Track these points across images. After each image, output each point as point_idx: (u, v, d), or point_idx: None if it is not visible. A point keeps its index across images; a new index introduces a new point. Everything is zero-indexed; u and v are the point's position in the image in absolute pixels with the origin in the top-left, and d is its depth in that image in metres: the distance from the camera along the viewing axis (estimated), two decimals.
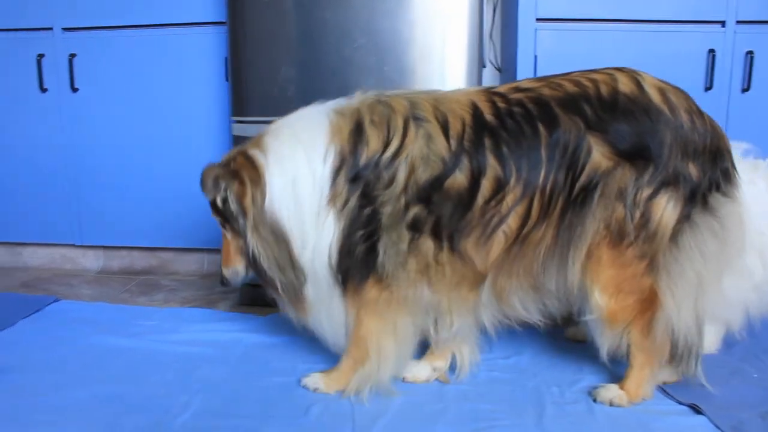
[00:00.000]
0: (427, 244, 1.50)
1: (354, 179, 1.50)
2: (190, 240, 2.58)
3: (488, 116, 1.50)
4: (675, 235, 1.46)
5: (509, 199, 1.47)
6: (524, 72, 2.29)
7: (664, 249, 1.47)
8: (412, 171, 1.48)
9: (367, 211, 1.50)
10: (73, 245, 2.76)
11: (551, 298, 1.61)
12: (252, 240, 1.56)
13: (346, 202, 1.50)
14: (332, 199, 1.51)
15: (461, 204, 1.48)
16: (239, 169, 1.57)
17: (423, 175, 1.48)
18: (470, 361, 1.70)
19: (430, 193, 1.48)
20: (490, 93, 1.56)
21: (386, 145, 1.50)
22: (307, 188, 1.52)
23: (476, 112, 1.51)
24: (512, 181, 1.47)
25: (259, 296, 2.25)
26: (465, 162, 1.47)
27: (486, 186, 1.47)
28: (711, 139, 1.48)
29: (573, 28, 2.29)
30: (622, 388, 1.58)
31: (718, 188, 1.48)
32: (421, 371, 1.70)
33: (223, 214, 1.61)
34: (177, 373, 1.75)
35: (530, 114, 1.49)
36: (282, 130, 1.60)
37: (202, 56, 2.44)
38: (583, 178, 1.47)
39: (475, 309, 1.60)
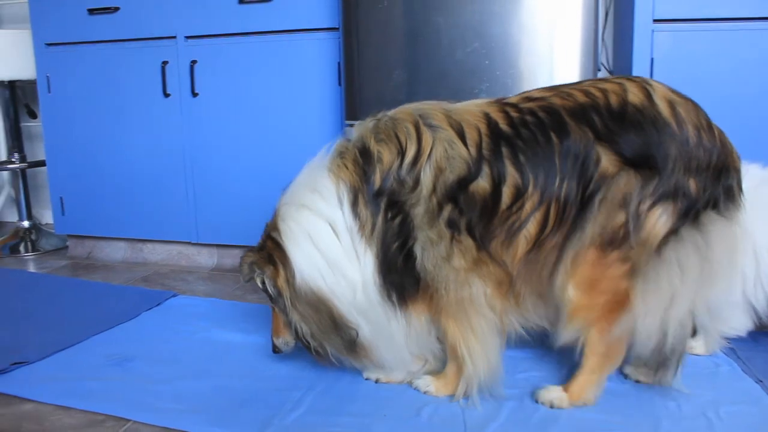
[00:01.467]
0: (469, 241, 1.51)
1: (375, 200, 1.53)
2: None
3: (503, 126, 1.52)
4: (660, 246, 1.46)
5: (528, 205, 1.49)
6: (639, 75, 2.22)
7: (648, 258, 1.47)
8: (439, 172, 1.50)
9: (397, 220, 1.52)
10: (190, 243, 2.89)
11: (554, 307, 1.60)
12: (293, 317, 1.62)
13: (374, 224, 1.53)
14: (360, 229, 1.54)
15: (486, 209, 1.50)
16: (271, 253, 1.63)
17: (450, 175, 1.49)
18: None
19: (457, 194, 1.49)
20: (501, 103, 1.58)
21: (402, 153, 1.52)
22: (333, 242, 1.55)
23: (491, 121, 1.53)
24: (530, 188, 1.49)
25: None
26: (486, 169, 1.49)
27: (507, 193, 1.49)
28: (717, 156, 1.47)
29: (693, 29, 2.20)
30: (565, 390, 1.59)
31: (715, 206, 1.47)
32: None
33: (267, 294, 1.67)
34: (289, 370, 1.80)
35: (543, 123, 1.50)
36: (288, 207, 1.65)
37: (315, 61, 2.50)
38: (592, 187, 1.47)
39: (514, 310, 1.62)
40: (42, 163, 3.30)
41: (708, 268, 1.47)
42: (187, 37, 2.68)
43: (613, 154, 1.46)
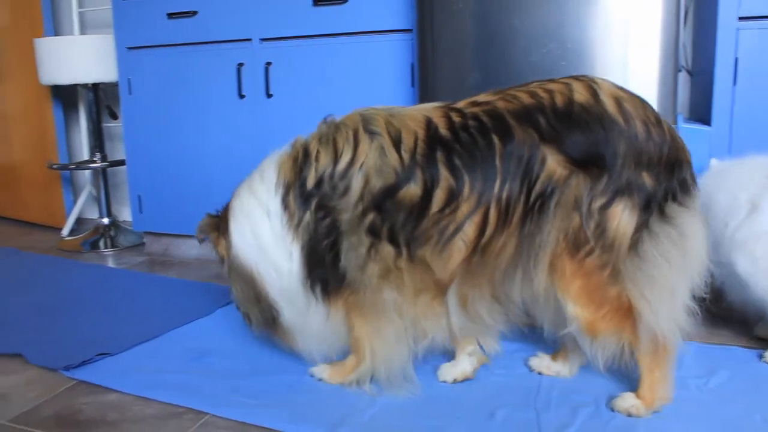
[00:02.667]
0: (387, 249, 1.56)
1: (306, 197, 1.61)
2: None
3: (443, 130, 1.55)
4: (635, 244, 1.45)
5: (464, 208, 1.51)
6: (722, 76, 2.16)
7: (624, 258, 1.46)
8: (368, 180, 1.55)
9: (327, 221, 1.59)
10: None
11: (514, 308, 1.65)
12: (230, 281, 1.80)
13: (301, 219, 1.61)
14: (288, 221, 1.63)
15: (414, 213, 1.53)
16: (220, 223, 1.79)
17: (376, 183, 1.54)
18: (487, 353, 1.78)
19: (383, 201, 1.54)
20: (447, 108, 1.60)
21: (337, 158, 1.59)
22: (265, 227, 1.66)
23: (430, 126, 1.56)
24: (465, 191, 1.50)
25: None
26: (418, 174, 1.52)
27: (439, 197, 1.51)
28: (669, 150, 1.47)
29: None
30: (637, 396, 1.55)
31: (674, 198, 1.47)
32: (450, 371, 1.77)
33: None
34: None
35: (485, 127, 1.52)
36: (244, 184, 1.77)
37: (388, 63, 2.51)
38: (538, 188, 1.48)
39: (443, 316, 1.64)
40: (121, 163, 3.42)
41: (688, 259, 1.48)
42: (262, 40, 2.73)
43: (560, 154, 1.47)
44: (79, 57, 3.28)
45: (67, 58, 3.28)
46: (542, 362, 1.78)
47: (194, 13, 2.84)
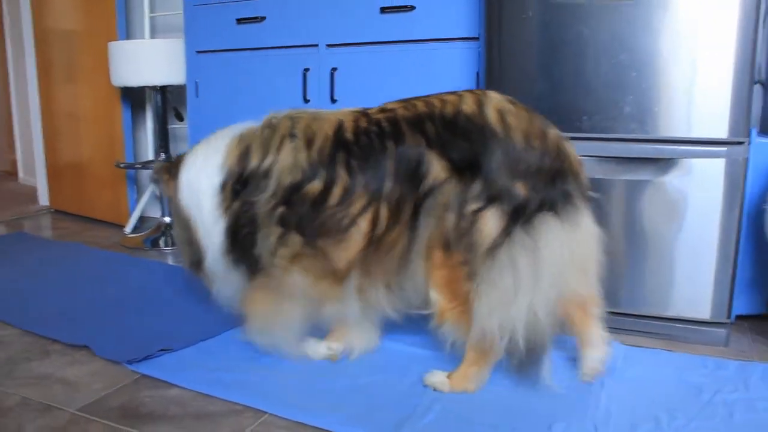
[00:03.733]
0: (295, 238, 1.74)
1: (237, 189, 1.80)
2: None
3: (348, 134, 1.72)
4: (493, 249, 1.55)
5: (357, 204, 1.67)
6: None
7: (481, 260, 1.57)
8: (280, 179, 1.74)
9: (248, 213, 1.78)
10: None
11: (406, 298, 1.78)
12: (173, 219, 2.02)
13: (230, 206, 1.81)
14: (220, 203, 1.82)
15: (314, 205, 1.70)
16: (170, 166, 1.98)
17: (286, 180, 1.72)
18: (363, 346, 1.94)
19: (291, 195, 1.72)
20: (359, 114, 1.77)
21: (263, 159, 1.77)
22: (207, 194, 1.84)
23: (339, 130, 1.73)
24: (358, 189, 1.66)
25: None
26: (322, 172, 1.70)
27: (336, 194, 1.68)
28: (550, 162, 1.57)
29: None
30: (449, 377, 1.73)
31: (551, 208, 1.56)
32: (319, 349, 1.95)
33: None
34: (420, 373, 1.81)
35: (383, 132, 1.68)
36: (201, 144, 1.95)
37: (453, 71, 2.51)
38: (424, 188, 1.62)
39: (342, 301, 1.80)
40: None
41: (539, 268, 1.54)
42: (329, 45, 2.76)
43: (444, 159, 1.60)
44: (150, 60, 3.37)
45: (138, 61, 3.38)
46: (584, 366, 1.79)
47: (262, 18, 2.89)
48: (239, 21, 2.96)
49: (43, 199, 4.70)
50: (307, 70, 2.81)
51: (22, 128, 5.22)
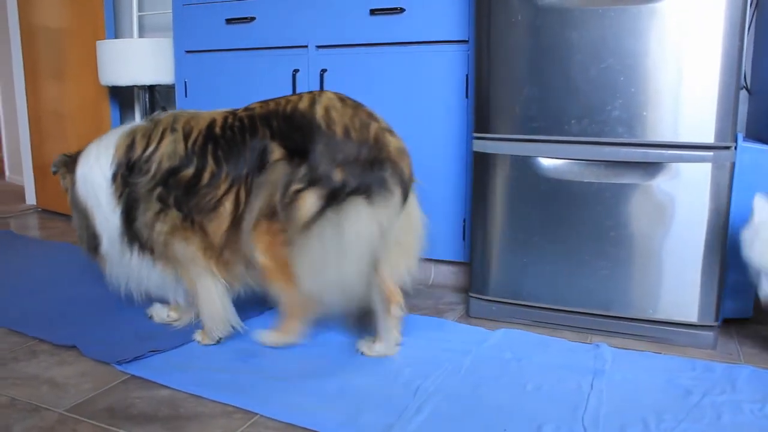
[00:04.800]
0: (173, 213, 2.00)
1: (126, 176, 2.04)
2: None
3: (217, 129, 2.00)
4: (309, 223, 1.81)
5: (222, 187, 1.94)
6: None
7: (297, 232, 1.83)
8: (160, 164, 2.00)
9: (134, 195, 2.03)
10: None
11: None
12: (71, 208, 2.21)
13: (122, 192, 2.05)
14: (114, 192, 2.07)
15: (189, 187, 1.97)
16: (67, 160, 2.20)
17: (165, 165, 2.00)
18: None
19: (168, 178, 1.99)
20: (229, 113, 2.05)
21: (146, 148, 2.04)
22: (102, 186, 2.08)
23: (211, 126, 2.02)
24: (223, 175, 1.95)
25: (487, 310, 2.29)
26: (194, 160, 1.98)
27: (205, 178, 1.96)
28: (368, 151, 1.84)
29: None
30: (276, 331, 2.03)
31: (366, 191, 1.80)
32: (161, 311, 2.27)
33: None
34: (410, 377, 1.82)
35: (243, 127, 1.97)
36: (94, 143, 2.17)
37: (443, 73, 2.52)
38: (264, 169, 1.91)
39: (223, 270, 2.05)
40: None
41: (341, 243, 1.79)
42: (318, 47, 2.77)
43: (282, 148, 1.89)
44: (138, 59, 3.36)
45: (126, 60, 3.37)
46: (365, 344, 2.01)
47: (252, 19, 2.89)
48: (229, 21, 2.95)
49: (30, 198, 4.67)
50: (296, 71, 2.81)
51: (9, 127, 5.18)
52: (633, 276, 2.08)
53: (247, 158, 1.93)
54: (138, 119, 4.02)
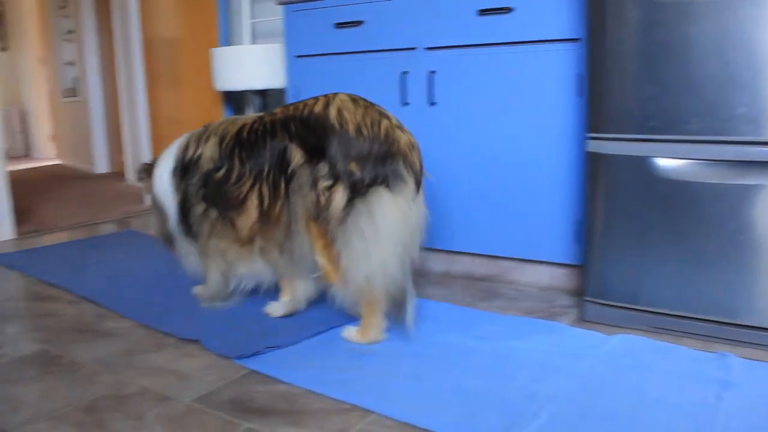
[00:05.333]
0: (213, 212, 2.28)
1: (181, 176, 2.37)
2: (532, 252, 2.64)
3: (244, 134, 2.22)
4: (343, 218, 1.96)
5: (247, 184, 2.18)
6: None
7: (336, 227, 1.98)
8: (203, 166, 2.29)
9: (187, 193, 2.35)
10: (422, 248, 2.99)
11: (297, 259, 2.16)
12: (152, 207, 2.58)
13: (178, 187, 2.38)
14: (174, 187, 2.40)
15: (220, 185, 2.23)
16: (148, 166, 2.57)
17: (205, 168, 2.28)
18: (304, 295, 2.35)
19: (207, 179, 2.27)
20: (258, 118, 2.25)
21: (195, 152, 2.34)
22: (167, 183, 2.43)
23: (240, 130, 2.25)
24: (246, 174, 2.18)
25: (603, 314, 2.23)
26: (226, 162, 2.23)
27: (233, 176, 2.21)
28: (379, 146, 1.97)
29: None
30: (358, 331, 2.12)
31: (383, 183, 1.95)
32: (277, 308, 2.37)
33: None
34: (525, 381, 1.80)
35: (266, 130, 2.17)
36: (167, 149, 2.52)
37: (553, 73, 2.48)
38: (289, 171, 2.09)
39: (252, 261, 2.28)
40: None
41: (377, 229, 1.94)
42: (427, 48, 2.78)
43: (301, 149, 2.07)
44: (251, 65, 3.48)
45: (239, 66, 3.50)
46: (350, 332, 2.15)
47: (361, 22, 2.94)
48: (338, 25, 3.01)
49: (150, 199, 4.92)
50: (405, 72, 2.83)
51: (132, 132, 5.48)
52: (760, 282, 1.98)
53: (267, 158, 2.14)
54: None
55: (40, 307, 2.61)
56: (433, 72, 2.77)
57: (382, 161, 1.96)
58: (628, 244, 2.16)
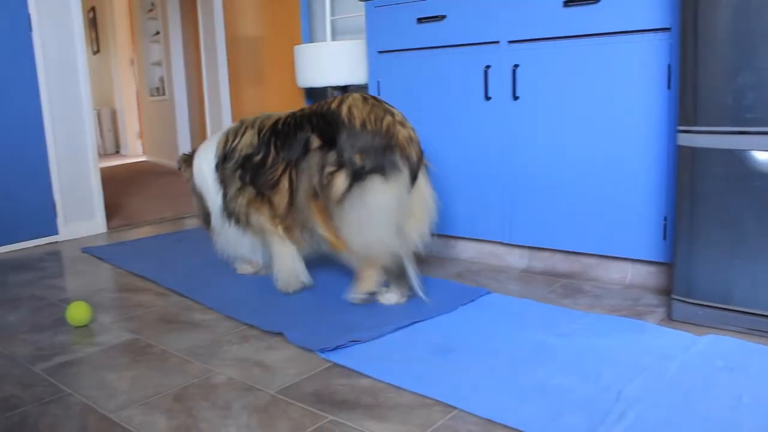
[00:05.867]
0: (250, 189, 2.63)
1: (224, 164, 2.74)
2: (614, 248, 2.56)
3: (279, 126, 2.59)
4: (342, 198, 2.30)
5: (279, 168, 2.52)
6: None
7: (335, 205, 2.32)
8: (241, 151, 2.67)
9: (224, 176, 2.73)
10: (501, 243, 2.96)
11: (315, 239, 2.53)
12: (192, 194, 2.97)
13: (221, 177, 2.75)
14: (217, 177, 2.77)
15: (257, 168, 2.60)
16: (188, 157, 2.96)
17: (243, 153, 2.66)
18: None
19: (245, 162, 2.64)
20: (291, 113, 2.62)
21: (234, 141, 2.72)
22: (209, 173, 2.81)
23: (275, 123, 2.61)
24: (279, 159, 2.53)
25: (692, 313, 2.15)
26: (263, 149, 2.59)
27: (268, 161, 2.56)
28: (380, 140, 2.30)
29: None
30: (357, 286, 2.47)
31: (380, 171, 2.28)
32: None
33: None
34: (610, 380, 1.75)
35: (296, 123, 2.52)
36: (203, 143, 2.90)
37: (641, 64, 2.40)
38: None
39: (290, 233, 2.62)
40: None
41: (368, 211, 2.28)
42: (510, 42, 2.74)
43: (320, 139, 2.40)
44: (333, 61, 3.51)
45: (321, 63, 3.53)
46: (385, 295, 2.46)
47: (443, 17, 2.92)
48: (420, 20, 3.00)
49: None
50: (488, 67, 2.80)
51: (214, 128, 5.62)
52: None
53: (295, 147, 2.48)
54: None
55: (131, 298, 2.71)
56: (516, 66, 2.72)
57: (381, 153, 2.28)
58: (719, 242, 2.07)
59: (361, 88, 3.84)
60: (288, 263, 2.63)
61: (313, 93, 4.12)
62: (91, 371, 1.98)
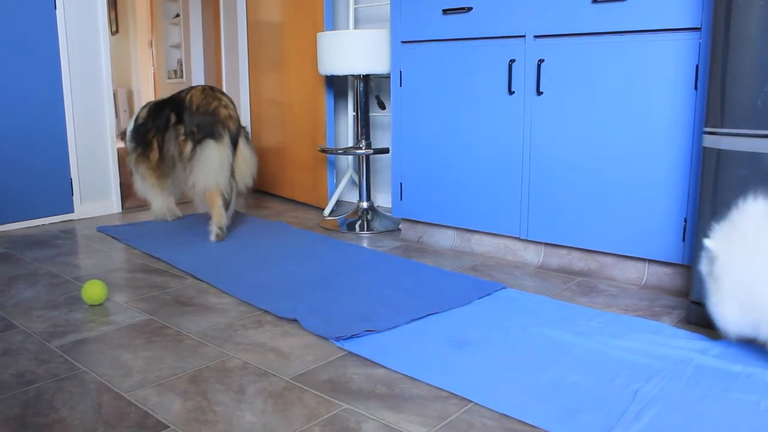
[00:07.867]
0: (139, 149, 3.69)
1: (132, 131, 3.82)
2: (632, 248, 2.55)
3: (155, 106, 3.67)
4: (190, 157, 3.32)
5: (151, 133, 3.60)
6: None
7: (186, 162, 3.35)
8: (137, 122, 3.73)
9: (131, 140, 3.80)
10: (517, 238, 2.94)
11: (179, 185, 3.73)
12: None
13: (130, 139, 3.85)
14: (129, 139, 3.88)
15: (143, 135, 3.64)
16: (125, 130, 3.94)
17: (138, 123, 3.71)
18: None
19: (138, 129, 3.70)
20: (162, 99, 3.66)
21: (138, 115, 3.77)
22: (128, 135, 3.92)
23: (155, 104, 3.70)
24: (152, 128, 3.58)
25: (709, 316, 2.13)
26: (147, 121, 3.63)
27: (148, 128, 3.61)
28: (209, 118, 3.32)
29: None
30: (212, 221, 3.40)
31: (212, 136, 3.29)
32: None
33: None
34: (627, 380, 1.74)
35: (163, 105, 3.56)
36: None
37: (668, 63, 2.37)
38: (169, 128, 3.48)
39: (159, 181, 3.77)
40: (384, 151, 3.60)
41: (207, 162, 3.28)
42: (536, 36, 2.72)
43: (175, 116, 3.43)
44: (355, 50, 3.49)
45: (344, 51, 3.52)
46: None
47: (469, 9, 2.90)
48: (445, 11, 2.98)
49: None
50: (512, 61, 2.78)
51: None
52: None
53: (161, 119, 3.51)
54: (350, 108, 4.20)
55: (145, 278, 2.72)
56: (541, 61, 2.70)
57: (210, 126, 3.30)
58: None
59: (381, 78, 3.82)
60: (159, 201, 3.84)
61: (333, 81, 4.11)
62: (106, 350, 1.99)
